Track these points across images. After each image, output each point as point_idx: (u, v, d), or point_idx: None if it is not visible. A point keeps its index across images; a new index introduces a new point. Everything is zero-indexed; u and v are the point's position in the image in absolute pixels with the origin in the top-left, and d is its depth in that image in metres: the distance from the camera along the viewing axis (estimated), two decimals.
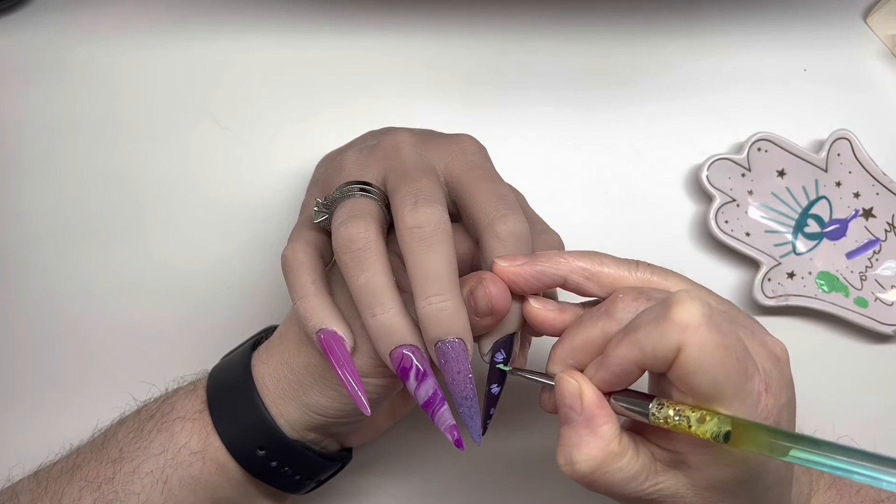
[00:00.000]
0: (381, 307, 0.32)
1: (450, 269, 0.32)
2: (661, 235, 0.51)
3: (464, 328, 0.32)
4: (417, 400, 0.33)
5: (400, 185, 0.34)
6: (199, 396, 0.38)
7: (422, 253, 0.32)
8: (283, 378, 0.37)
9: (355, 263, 0.33)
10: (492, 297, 0.32)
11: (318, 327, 0.34)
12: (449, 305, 0.32)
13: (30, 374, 0.47)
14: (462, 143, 0.37)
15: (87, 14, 0.52)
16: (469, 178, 0.35)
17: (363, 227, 0.33)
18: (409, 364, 0.33)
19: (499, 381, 0.34)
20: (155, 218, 0.49)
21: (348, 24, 0.52)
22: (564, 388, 0.31)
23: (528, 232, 0.34)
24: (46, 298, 0.48)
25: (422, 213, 0.32)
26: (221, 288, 0.49)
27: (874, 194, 0.50)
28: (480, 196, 0.34)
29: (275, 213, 0.49)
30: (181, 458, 0.36)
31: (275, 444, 0.36)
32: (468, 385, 0.33)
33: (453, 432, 0.33)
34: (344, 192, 0.35)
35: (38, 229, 0.49)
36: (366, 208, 0.34)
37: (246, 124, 0.51)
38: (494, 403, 0.35)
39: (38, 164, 0.50)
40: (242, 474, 0.37)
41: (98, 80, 0.51)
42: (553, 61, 0.52)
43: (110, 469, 0.36)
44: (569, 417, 0.31)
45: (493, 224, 0.33)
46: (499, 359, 0.34)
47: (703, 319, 0.28)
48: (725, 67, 0.53)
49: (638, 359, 0.29)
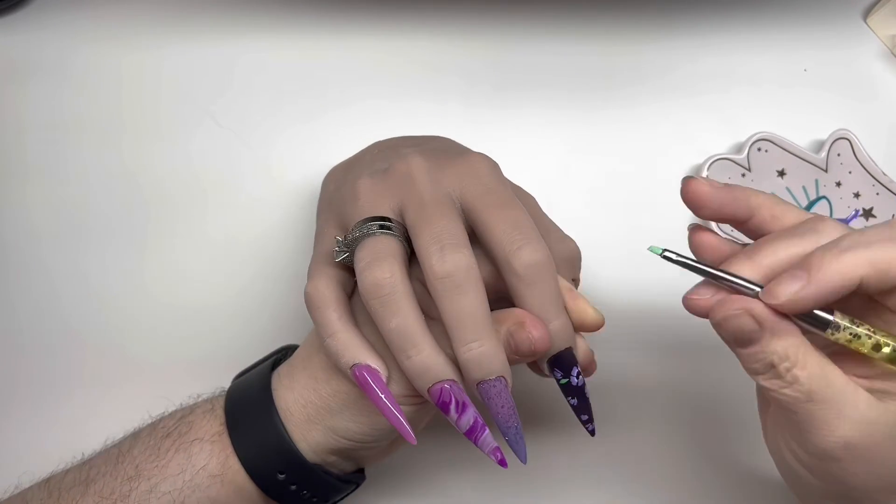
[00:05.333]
0: (416, 349, 0.33)
1: (483, 312, 0.33)
2: (661, 235, 0.50)
3: (503, 366, 0.33)
4: (460, 429, 0.34)
5: (423, 225, 0.34)
6: (218, 417, 0.38)
7: (454, 301, 0.32)
8: (310, 404, 0.37)
9: (384, 308, 0.33)
10: (535, 342, 0.33)
11: (351, 363, 0.34)
12: (487, 349, 0.32)
13: (36, 381, 0.47)
14: (474, 164, 0.37)
15: (88, 14, 0.52)
16: (483, 204, 0.35)
17: (388, 271, 0.33)
18: (449, 398, 0.33)
19: (575, 394, 0.35)
20: (160, 219, 0.49)
21: (348, 25, 0.52)
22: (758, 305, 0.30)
23: (547, 256, 0.34)
24: (52, 302, 0.48)
25: (450, 261, 0.33)
26: (231, 295, 0.48)
27: (874, 194, 0.50)
28: (495, 227, 0.34)
29: (282, 216, 0.49)
30: (199, 480, 0.36)
31: (295, 469, 0.36)
32: (512, 415, 0.34)
33: (497, 454, 0.34)
34: (363, 230, 0.35)
35: (41, 230, 0.49)
36: (388, 249, 0.34)
37: (247, 125, 0.51)
38: (584, 410, 0.35)
39: (38, 165, 0.50)
40: (260, 497, 0.37)
41: (99, 80, 0.51)
42: (553, 62, 0.52)
43: (126, 486, 0.36)
44: (777, 328, 0.30)
45: (510, 261, 0.33)
46: (574, 373, 0.35)
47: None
48: (726, 68, 0.53)
49: (867, 272, 0.29)
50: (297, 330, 0.45)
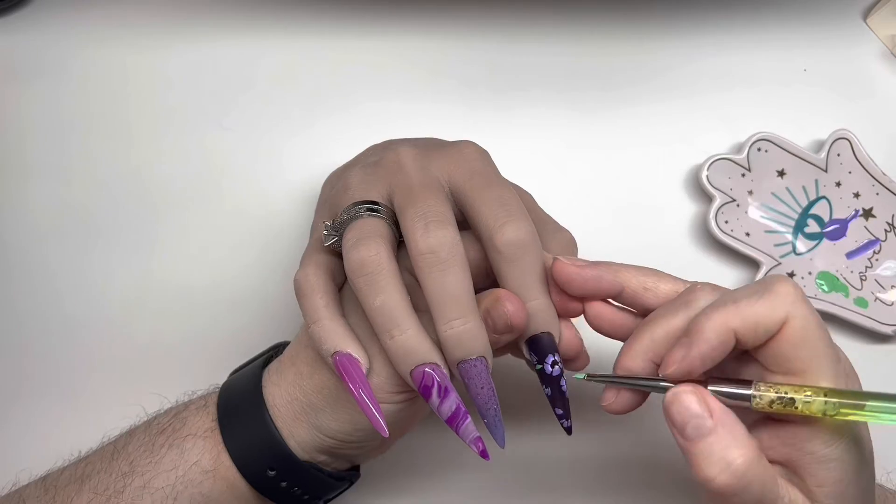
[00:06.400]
0: (399, 329, 0.33)
1: (466, 290, 0.33)
2: (661, 236, 0.51)
3: (485, 346, 0.33)
4: (441, 416, 0.34)
5: (407, 205, 0.34)
6: (211, 414, 0.38)
7: (438, 277, 0.32)
8: (295, 400, 0.37)
9: (369, 287, 0.33)
10: (511, 316, 0.33)
11: (332, 350, 0.34)
12: (470, 327, 0.32)
13: (36, 379, 0.47)
14: (463, 150, 0.37)
15: (88, 14, 0.52)
16: (471, 185, 0.35)
17: (374, 250, 0.33)
18: (431, 382, 0.33)
19: (549, 383, 0.34)
20: (161, 220, 0.49)
21: (349, 26, 0.52)
22: (688, 401, 0.30)
23: (532, 235, 0.34)
24: (53, 302, 0.48)
25: (433, 237, 0.33)
26: (229, 293, 0.49)
27: (874, 194, 0.50)
28: (481, 206, 0.34)
29: (285, 216, 0.49)
30: (192, 476, 0.36)
31: (285, 466, 0.36)
32: (492, 397, 0.33)
33: (478, 444, 0.34)
34: (352, 212, 0.35)
35: (41, 230, 0.49)
36: (375, 229, 0.34)
37: (247, 125, 0.51)
38: (559, 403, 0.35)
39: (39, 165, 0.50)
40: (252, 493, 0.37)
41: (99, 80, 0.51)
42: (552, 63, 0.52)
43: (120, 482, 0.36)
44: (701, 428, 0.29)
45: (492, 236, 0.33)
46: (549, 360, 0.34)
47: (804, 297, 0.29)
48: (725, 68, 0.53)
49: (738, 328, 0.29)
50: (296, 329, 0.45)
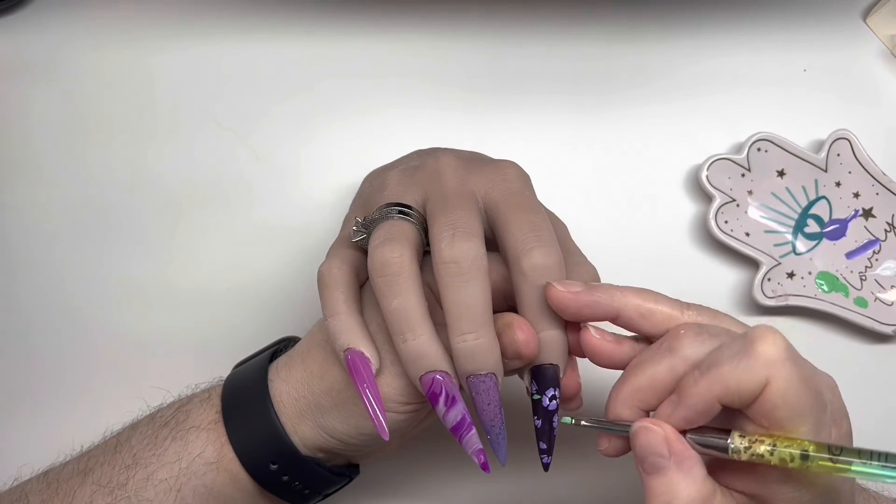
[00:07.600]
0: (413, 332, 0.32)
1: (484, 305, 0.33)
2: (661, 235, 0.51)
3: (496, 364, 0.33)
4: (446, 424, 0.33)
5: (438, 213, 0.34)
6: (214, 406, 0.38)
7: (457, 288, 0.32)
8: (303, 398, 0.37)
9: (388, 287, 0.33)
10: (520, 345, 0.33)
11: (345, 346, 0.34)
12: (483, 343, 0.32)
13: (40, 374, 0.48)
14: (504, 169, 0.37)
15: (88, 14, 0.52)
16: (506, 206, 0.35)
17: (398, 252, 0.33)
18: (440, 389, 0.33)
19: (542, 416, 0.34)
20: (163, 219, 0.50)
21: (349, 27, 0.52)
22: (650, 436, 0.30)
23: (559, 264, 0.34)
24: (56, 298, 0.48)
25: (458, 248, 0.32)
26: (237, 292, 0.49)
27: (874, 194, 0.50)
28: (513, 227, 0.34)
29: (286, 215, 0.50)
30: (195, 468, 0.37)
31: (288, 460, 0.37)
32: (497, 415, 0.33)
33: (480, 456, 0.33)
34: (383, 213, 0.35)
35: (41, 230, 0.49)
36: (403, 232, 0.34)
37: (247, 126, 0.51)
38: (545, 437, 0.34)
39: (39, 165, 0.50)
40: (254, 486, 0.37)
41: (99, 80, 0.51)
42: (553, 64, 0.52)
43: (123, 474, 0.37)
44: (658, 465, 0.30)
45: (519, 259, 0.33)
46: (549, 394, 0.34)
47: (787, 354, 0.28)
48: (725, 68, 0.53)
49: (721, 395, 0.29)
50: (303, 324, 0.45)
